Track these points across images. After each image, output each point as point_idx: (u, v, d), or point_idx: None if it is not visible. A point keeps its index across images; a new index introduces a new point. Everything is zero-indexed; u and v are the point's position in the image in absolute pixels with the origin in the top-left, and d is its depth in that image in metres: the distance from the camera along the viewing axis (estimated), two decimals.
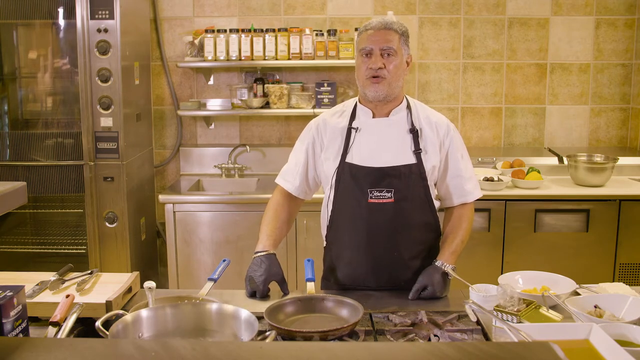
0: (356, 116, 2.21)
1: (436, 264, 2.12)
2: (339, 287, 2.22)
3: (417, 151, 2.14)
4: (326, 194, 2.23)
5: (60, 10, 3.68)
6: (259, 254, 2.13)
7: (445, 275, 2.10)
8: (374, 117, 2.19)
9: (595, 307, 1.81)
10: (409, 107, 2.21)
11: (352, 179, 2.14)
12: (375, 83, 2.10)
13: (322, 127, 2.24)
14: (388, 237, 2.13)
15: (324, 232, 2.28)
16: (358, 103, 2.23)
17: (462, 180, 2.22)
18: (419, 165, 2.13)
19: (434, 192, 2.21)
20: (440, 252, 2.18)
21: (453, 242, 2.17)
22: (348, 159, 2.16)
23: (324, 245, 2.29)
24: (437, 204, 2.21)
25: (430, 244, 2.21)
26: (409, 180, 2.12)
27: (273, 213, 2.26)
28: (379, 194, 2.11)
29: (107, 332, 1.53)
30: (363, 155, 2.14)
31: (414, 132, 2.16)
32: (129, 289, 2.00)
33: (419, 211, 2.15)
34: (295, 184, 2.28)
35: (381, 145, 2.15)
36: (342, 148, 2.18)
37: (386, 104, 2.17)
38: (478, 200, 2.27)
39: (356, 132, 2.18)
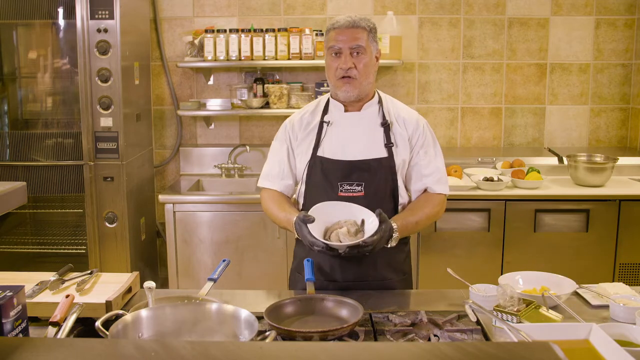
0: (328, 110, 2.23)
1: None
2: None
3: (389, 145, 2.16)
4: (298, 188, 2.24)
5: (60, 10, 3.68)
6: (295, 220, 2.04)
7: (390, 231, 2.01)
8: (346, 111, 2.21)
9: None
10: (380, 101, 2.22)
11: (322, 172, 2.14)
12: (347, 83, 2.11)
13: (297, 124, 2.25)
14: None
15: None
16: (330, 98, 2.25)
17: (421, 176, 2.19)
18: (389, 159, 2.14)
19: (402, 186, 2.20)
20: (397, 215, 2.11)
21: (410, 216, 2.11)
22: (319, 153, 2.17)
23: (296, 237, 2.24)
24: (403, 199, 2.19)
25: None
26: (379, 174, 2.13)
27: (277, 203, 2.20)
28: (349, 188, 2.12)
29: (107, 332, 1.53)
30: (334, 148, 2.16)
31: (385, 126, 2.17)
32: (129, 289, 2.00)
33: (387, 205, 2.14)
34: (282, 184, 2.25)
35: (352, 139, 2.16)
36: (313, 142, 2.19)
37: (358, 101, 2.19)
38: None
39: (328, 125, 2.19)
